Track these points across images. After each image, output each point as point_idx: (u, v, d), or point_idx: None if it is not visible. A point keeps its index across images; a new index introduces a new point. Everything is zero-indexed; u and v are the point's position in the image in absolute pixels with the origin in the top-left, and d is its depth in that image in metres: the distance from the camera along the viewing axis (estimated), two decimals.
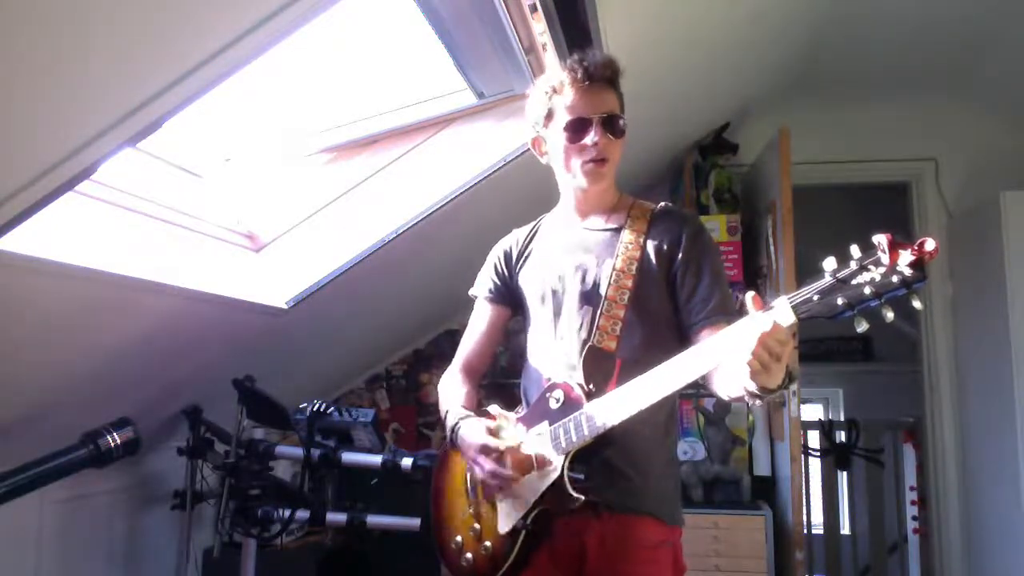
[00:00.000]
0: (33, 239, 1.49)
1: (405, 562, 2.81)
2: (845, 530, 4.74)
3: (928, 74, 3.52)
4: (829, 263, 1.10)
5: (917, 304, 1.06)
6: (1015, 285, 3.19)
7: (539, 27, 1.94)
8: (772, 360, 1.17)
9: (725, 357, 1.22)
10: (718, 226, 3.51)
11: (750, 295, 1.18)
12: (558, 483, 1.40)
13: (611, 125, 1.51)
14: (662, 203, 1.64)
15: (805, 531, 3.39)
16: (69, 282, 1.67)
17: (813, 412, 5.73)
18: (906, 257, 1.03)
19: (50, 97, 1.23)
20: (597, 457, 1.41)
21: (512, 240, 1.71)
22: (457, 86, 2.40)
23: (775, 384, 1.22)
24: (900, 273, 1.04)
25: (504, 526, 1.48)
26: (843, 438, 4.41)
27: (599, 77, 1.50)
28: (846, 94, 3.74)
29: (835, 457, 4.37)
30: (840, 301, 1.09)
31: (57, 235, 1.63)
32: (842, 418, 5.55)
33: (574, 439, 1.40)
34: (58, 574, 2.34)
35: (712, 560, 3.00)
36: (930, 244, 1.02)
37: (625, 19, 2.07)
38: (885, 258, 1.04)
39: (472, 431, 1.49)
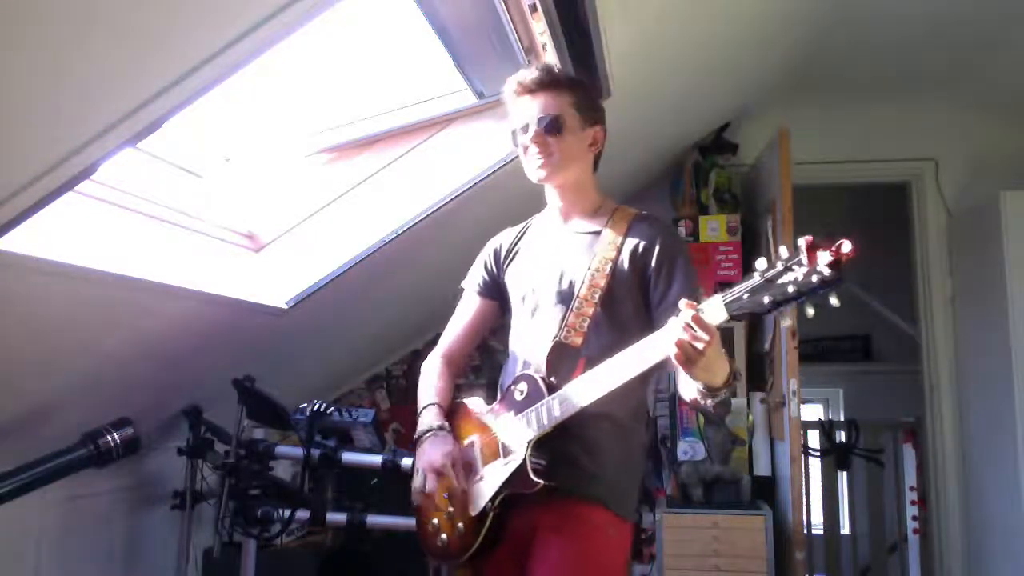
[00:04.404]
0: (33, 239, 1.49)
1: (405, 562, 2.80)
2: (845, 530, 4.73)
3: (928, 74, 3.52)
4: (760, 263, 1.17)
5: (834, 302, 1.11)
6: (1015, 285, 3.19)
7: (539, 27, 1.94)
8: (696, 354, 1.25)
9: (660, 349, 1.32)
10: (718, 226, 3.51)
11: (683, 302, 1.27)
12: (521, 468, 1.48)
13: (545, 127, 1.59)
14: (644, 211, 1.70)
15: (805, 531, 3.38)
16: (69, 282, 1.67)
17: (813, 412, 5.72)
18: (824, 258, 1.09)
19: (50, 97, 1.23)
20: (556, 445, 1.50)
21: (503, 238, 1.80)
22: (457, 86, 2.40)
23: (717, 381, 1.33)
24: (820, 273, 1.09)
25: (474, 509, 1.56)
26: (843, 438, 4.41)
27: (530, 87, 1.61)
28: (846, 94, 3.74)
29: (835, 457, 4.37)
30: (766, 299, 1.16)
31: (57, 235, 1.63)
32: (842, 418, 5.55)
33: (535, 428, 1.49)
34: (58, 574, 2.34)
35: (712, 560, 3.00)
36: (846, 246, 1.09)
37: (625, 19, 2.07)
38: (805, 259, 1.10)
39: (435, 448, 1.58)
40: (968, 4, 2.90)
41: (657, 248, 1.58)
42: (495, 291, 1.77)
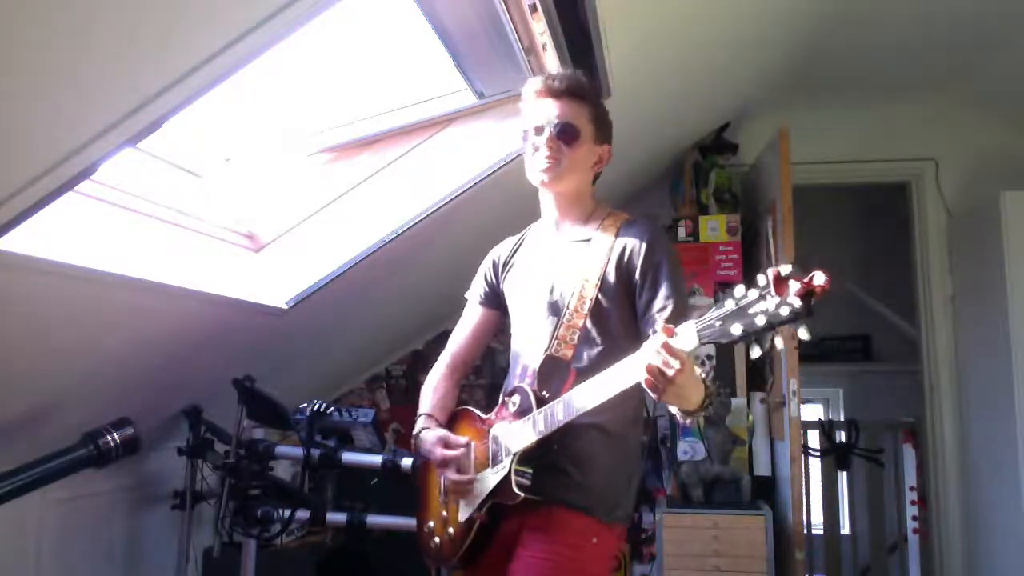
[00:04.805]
0: (33, 239, 1.49)
1: (405, 562, 2.80)
2: (845, 530, 4.73)
3: (928, 74, 3.52)
4: (738, 290, 1.15)
5: (803, 335, 1.09)
6: (1015, 285, 3.19)
7: (539, 27, 1.94)
8: (664, 381, 1.24)
9: (631, 376, 1.31)
10: (718, 226, 3.51)
11: (659, 324, 1.26)
12: (506, 479, 1.51)
13: (561, 132, 1.60)
14: (633, 216, 1.70)
15: (805, 531, 3.38)
16: (69, 282, 1.67)
17: (813, 412, 5.71)
18: (794, 288, 1.07)
19: (50, 97, 1.23)
20: (543, 457, 1.51)
21: (501, 249, 1.82)
22: (457, 86, 2.40)
23: (691, 407, 1.33)
24: (790, 305, 1.08)
25: (463, 515, 1.61)
26: (843, 438, 4.41)
27: (555, 90, 1.61)
28: (846, 94, 3.74)
29: (835, 457, 4.37)
30: (736, 330, 1.14)
31: (57, 235, 1.63)
32: (842, 418, 5.55)
33: (521, 441, 1.51)
34: (58, 574, 2.34)
35: (712, 560, 3.00)
36: (819, 278, 1.06)
37: (625, 19, 2.07)
38: (774, 290, 1.09)
39: (425, 444, 1.65)
40: (968, 4, 2.90)
41: (642, 255, 1.57)
42: (496, 301, 1.80)
